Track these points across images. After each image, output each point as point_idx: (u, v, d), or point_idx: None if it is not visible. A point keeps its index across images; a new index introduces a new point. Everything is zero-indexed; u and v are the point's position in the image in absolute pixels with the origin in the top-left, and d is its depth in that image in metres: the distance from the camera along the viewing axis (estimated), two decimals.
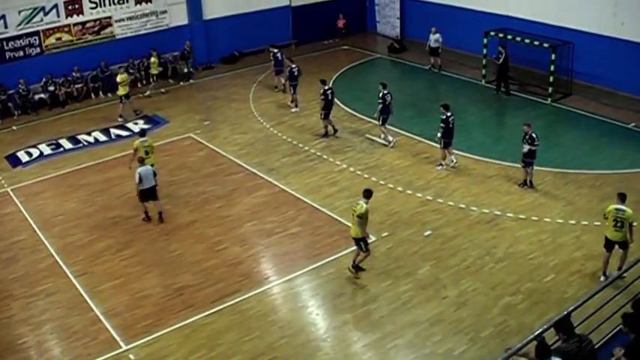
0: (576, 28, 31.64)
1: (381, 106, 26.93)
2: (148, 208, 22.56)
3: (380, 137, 27.60)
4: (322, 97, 28.12)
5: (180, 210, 23.25)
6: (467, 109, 30.87)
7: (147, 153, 23.53)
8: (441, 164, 25.18)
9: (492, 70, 33.29)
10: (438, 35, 35.60)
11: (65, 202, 24.13)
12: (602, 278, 18.18)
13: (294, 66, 31.40)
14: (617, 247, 18.08)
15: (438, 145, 25.38)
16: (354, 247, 19.42)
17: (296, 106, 31.67)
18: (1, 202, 24.44)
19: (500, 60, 32.14)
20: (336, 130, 28.59)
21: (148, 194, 22.19)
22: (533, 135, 22.97)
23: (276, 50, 34.06)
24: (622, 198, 17.83)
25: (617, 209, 17.74)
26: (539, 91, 31.98)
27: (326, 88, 28.25)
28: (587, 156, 25.87)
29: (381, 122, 27.33)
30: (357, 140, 27.82)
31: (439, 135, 24.87)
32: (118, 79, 31.46)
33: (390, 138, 27.38)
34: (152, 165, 23.05)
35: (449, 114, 24.60)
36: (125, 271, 19.90)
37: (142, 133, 25.04)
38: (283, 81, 33.36)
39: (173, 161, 26.97)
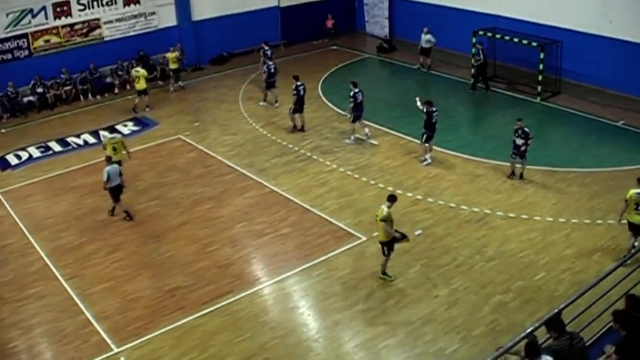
0: (565, 27, 31.73)
1: (352, 104, 27.18)
2: (122, 206, 22.80)
3: (364, 136, 27.77)
4: (294, 92, 28.56)
5: (170, 212, 23.22)
6: (456, 109, 31.02)
7: (114, 150, 24.09)
8: (425, 159, 25.30)
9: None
10: (429, 36, 35.54)
11: (55, 204, 24.07)
12: (637, 243, 18.76)
13: (271, 63, 31.98)
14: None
15: (419, 141, 25.57)
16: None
17: (264, 100, 32.53)
18: None
19: (480, 58, 32.33)
20: (303, 127, 29.11)
21: (118, 192, 22.46)
22: (526, 130, 23.22)
23: (267, 48, 34.19)
24: None
25: (637, 193, 18.28)
26: (528, 89, 32.06)
27: (298, 84, 28.66)
28: (576, 154, 25.97)
29: (352, 120, 27.67)
30: (346, 140, 27.79)
31: (418, 103, 25.29)
32: (140, 73, 32.00)
33: (352, 137, 27.82)
34: (119, 162, 23.45)
35: (433, 109, 24.81)
36: (116, 273, 19.85)
37: (111, 130, 25.25)
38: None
39: (163, 163, 26.95)
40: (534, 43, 31.08)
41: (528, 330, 12.17)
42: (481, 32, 33.18)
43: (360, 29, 44.36)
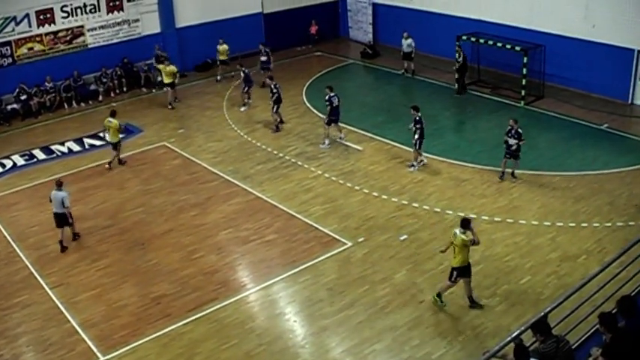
0: (548, 31, 31.92)
1: (328, 108, 27.40)
2: (64, 235, 21.65)
3: (339, 138, 28.08)
4: (274, 92, 29.48)
5: (155, 219, 23.15)
6: (441, 113, 31.06)
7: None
8: (413, 165, 25.37)
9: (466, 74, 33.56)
10: (410, 40, 35.63)
11: (40, 213, 23.85)
12: None
13: (245, 69, 32.71)
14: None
15: (412, 149, 25.51)
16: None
17: (244, 104, 33.08)
18: None
19: (460, 60, 32.53)
20: (282, 122, 30.16)
21: (56, 219, 21.53)
22: (520, 130, 23.55)
23: (268, 49, 35.74)
24: None
25: None
26: (512, 94, 32.14)
27: (274, 83, 29.63)
28: (561, 158, 26.05)
29: (326, 122, 27.92)
30: (321, 145, 27.85)
31: (417, 137, 25.00)
32: (168, 69, 33.31)
33: (327, 141, 27.99)
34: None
35: (420, 114, 24.84)
36: (101, 281, 19.75)
37: (112, 113, 26.97)
38: (264, 79, 33.66)
39: (147, 170, 26.87)
40: (518, 48, 31.19)
41: (514, 334, 12.18)
42: (465, 37, 33.29)
43: (344, 35, 44.45)
